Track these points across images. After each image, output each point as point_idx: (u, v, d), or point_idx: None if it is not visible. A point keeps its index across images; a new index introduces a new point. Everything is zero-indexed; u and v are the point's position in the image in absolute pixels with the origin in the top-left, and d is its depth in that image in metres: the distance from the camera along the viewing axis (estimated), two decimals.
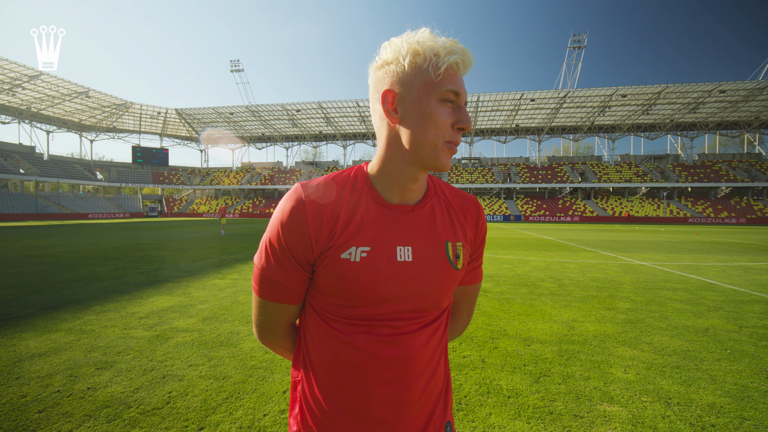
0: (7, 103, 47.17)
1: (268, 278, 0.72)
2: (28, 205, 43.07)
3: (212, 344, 3.54)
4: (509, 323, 4.28)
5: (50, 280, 6.45)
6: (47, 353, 3.27)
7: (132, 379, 2.81)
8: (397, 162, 0.71)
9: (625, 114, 52.83)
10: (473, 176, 57.19)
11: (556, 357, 3.31)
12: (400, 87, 0.68)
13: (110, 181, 57.74)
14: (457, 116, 0.68)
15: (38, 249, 11.38)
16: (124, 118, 60.09)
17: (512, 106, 51.46)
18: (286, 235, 0.69)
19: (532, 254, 11.07)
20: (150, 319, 4.31)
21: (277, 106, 53.98)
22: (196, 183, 64.09)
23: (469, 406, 2.49)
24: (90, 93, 48.45)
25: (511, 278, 7.06)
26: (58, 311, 4.56)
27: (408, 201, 0.75)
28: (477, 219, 0.82)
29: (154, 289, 5.90)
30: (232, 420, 2.29)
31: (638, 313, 4.73)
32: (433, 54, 0.65)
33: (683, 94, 45.32)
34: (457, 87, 0.66)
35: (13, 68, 39.78)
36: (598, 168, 56.16)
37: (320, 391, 0.73)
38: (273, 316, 0.76)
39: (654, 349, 3.53)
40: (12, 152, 49.30)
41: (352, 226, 0.70)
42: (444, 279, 0.74)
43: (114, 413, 2.34)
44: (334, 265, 0.68)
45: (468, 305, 0.93)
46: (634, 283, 6.71)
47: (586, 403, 2.52)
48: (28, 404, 2.43)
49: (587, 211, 48.67)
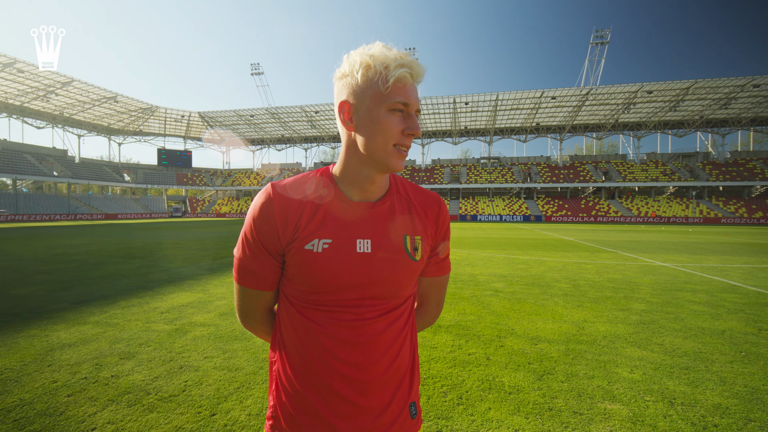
0: (42, 108, 49.76)
1: (244, 267, 0.82)
2: (61, 206, 45.27)
3: (227, 338, 3.71)
4: (518, 323, 4.29)
5: (80, 277, 6.83)
6: (76, 343, 3.51)
7: (152, 368, 3.00)
8: (355, 165, 0.80)
9: (651, 111, 51.10)
10: (492, 176, 56.49)
11: (562, 356, 3.32)
12: (354, 98, 0.75)
13: (137, 182, 60.01)
14: (407, 123, 0.75)
15: (69, 248, 12.00)
16: (150, 122, 62.32)
17: (532, 105, 50.58)
18: (256, 228, 0.78)
19: (549, 255, 10.92)
20: (170, 313, 4.54)
21: (296, 108, 54.82)
22: (218, 184, 65.78)
23: (469, 401, 2.54)
24: (118, 98, 50.49)
25: (525, 278, 7.01)
26: (86, 305, 4.85)
27: (368, 198, 0.83)
28: (438, 214, 0.89)
29: (175, 285, 6.17)
30: (242, 408, 2.43)
31: (652, 315, 4.64)
32: (383, 67, 0.72)
33: (714, 89, 43.48)
34: (405, 98, 0.73)
35: (47, 75, 41.90)
36: (623, 167, 54.51)
37: (291, 371, 0.81)
38: (250, 302, 0.85)
39: (664, 350, 3.48)
40: (46, 155, 51.95)
41: (315, 220, 0.79)
42: (402, 269, 0.81)
43: (134, 399, 2.52)
44: (299, 255, 0.77)
45: (436, 296, 0.99)
46: (652, 284, 6.56)
47: (587, 401, 2.54)
48: (59, 389, 2.64)
49: (611, 211, 47.34)
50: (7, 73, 40.16)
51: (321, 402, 0.79)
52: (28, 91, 44.90)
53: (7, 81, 42.08)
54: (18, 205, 41.46)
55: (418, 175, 59.09)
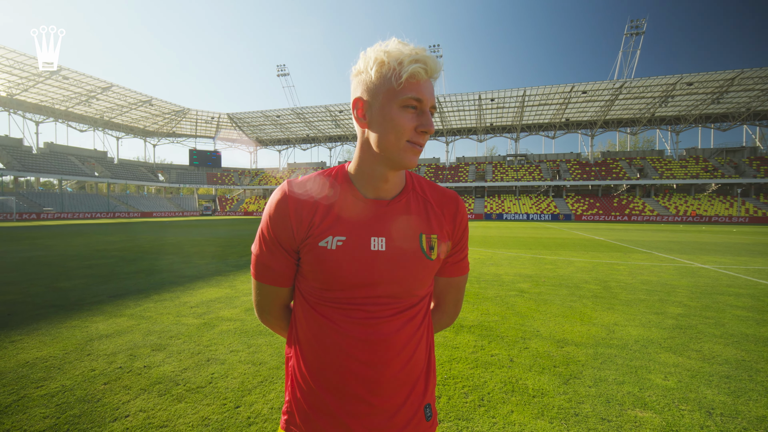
0: (84, 113, 52.89)
1: (261, 263, 0.83)
2: (102, 205, 47.90)
3: (252, 333, 3.81)
4: (544, 324, 4.17)
5: (117, 272, 7.20)
6: (112, 335, 3.70)
7: (181, 360, 3.12)
8: (369, 162, 0.79)
9: (691, 104, 48.35)
10: (519, 173, 55.20)
11: (590, 360, 3.19)
12: (368, 95, 0.75)
13: (170, 182, 62.63)
14: (420, 120, 0.74)
15: (108, 244, 12.68)
16: (182, 124, 64.89)
17: (561, 100, 49.00)
18: (272, 225, 0.79)
19: (578, 255, 10.55)
20: (199, 308, 4.70)
21: (320, 108, 55.54)
22: (246, 183, 67.65)
23: (491, 402, 2.49)
24: (153, 101, 52.92)
25: (552, 279, 6.81)
26: (122, 299, 5.11)
27: (383, 196, 0.82)
28: (455, 213, 0.87)
29: (204, 281, 6.39)
30: (265, 401, 2.48)
31: (690, 319, 4.39)
32: (396, 63, 0.71)
33: (762, 79, 40.58)
34: (418, 94, 0.72)
35: (89, 81, 44.53)
36: (660, 163, 51.92)
37: (306, 367, 0.82)
38: (267, 297, 0.87)
39: (702, 356, 3.29)
40: (88, 157, 55.11)
41: (330, 217, 0.79)
42: (417, 268, 0.80)
43: (165, 389, 2.63)
44: (314, 252, 0.77)
45: (454, 297, 0.97)
46: (690, 287, 6.21)
47: (616, 408, 2.43)
48: (96, 377, 2.79)
49: (646, 210, 45.23)
50: (54, 80, 42.93)
51: (334, 400, 0.79)
52: (72, 97, 47.84)
53: (53, 88, 44.99)
54: (63, 203, 44.22)
55: (442, 173, 58.52)
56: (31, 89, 44.45)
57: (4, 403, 2.41)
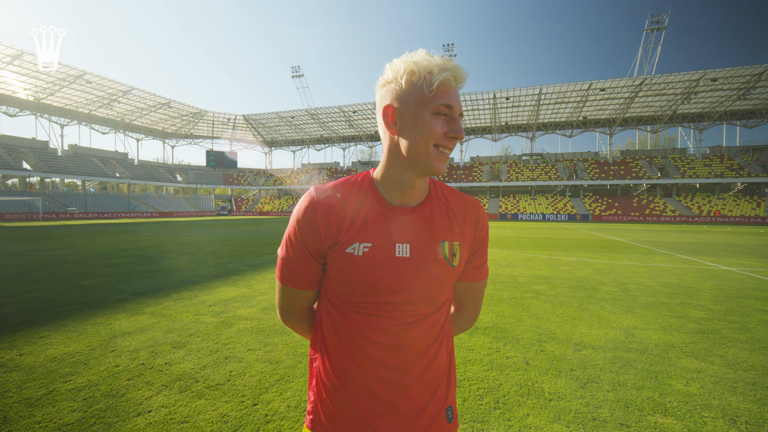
0: (106, 116, 54.58)
1: (288, 267, 0.85)
2: (122, 205, 49.30)
3: (269, 332, 3.87)
4: (560, 327, 4.11)
5: (138, 270, 7.41)
6: (135, 332, 3.82)
7: (200, 357, 3.20)
8: (396, 168, 0.81)
9: (715, 100, 46.78)
10: (535, 173, 54.41)
11: (608, 364, 3.14)
12: (398, 103, 0.77)
13: (188, 182, 64.00)
14: (450, 126, 0.76)
15: (130, 243, 13.05)
16: (199, 125, 66.19)
17: (579, 98, 48.06)
18: (300, 231, 0.82)
19: (596, 256, 10.35)
20: (217, 307, 4.81)
21: (334, 108, 55.86)
22: (261, 183, 68.57)
23: (506, 405, 2.48)
24: (171, 104, 54.20)
25: (569, 281, 6.70)
26: (144, 297, 5.26)
27: (408, 203, 0.84)
28: (477, 220, 0.89)
29: (222, 280, 6.52)
30: (282, 399, 2.53)
31: (714, 323, 4.27)
32: (427, 72, 0.74)
33: None
34: (449, 101, 0.75)
35: (111, 85, 45.95)
36: (682, 162, 50.42)
37: (332, 369, 0.84)
38: (292, 300, 0.89)
39: (726, 362, 3.19)
40: (110, 158, 56.80)
41: (356, 224, 0.81)
42: (440, 274, 0.82)
43: (185, 385, 2.70)
44: (340, 258, 0.80)
45: (473, 301, 0.99)
46: (714, 290, 6.03)
47: (636, 413, 2.39)
48: (120, 373, 2.89)
49: (668, 210, 44.01)
50: (78, 84, 44.44)
51: (360, 401, 0.81)
52: (95, 100, 49.41)
53: (77, 91, 46.58)
54: (86, 203, 45.67)
55: (457, 173, 58.14)
56: (56, 93, 46.09)
57: (35, 396, 2.52)
